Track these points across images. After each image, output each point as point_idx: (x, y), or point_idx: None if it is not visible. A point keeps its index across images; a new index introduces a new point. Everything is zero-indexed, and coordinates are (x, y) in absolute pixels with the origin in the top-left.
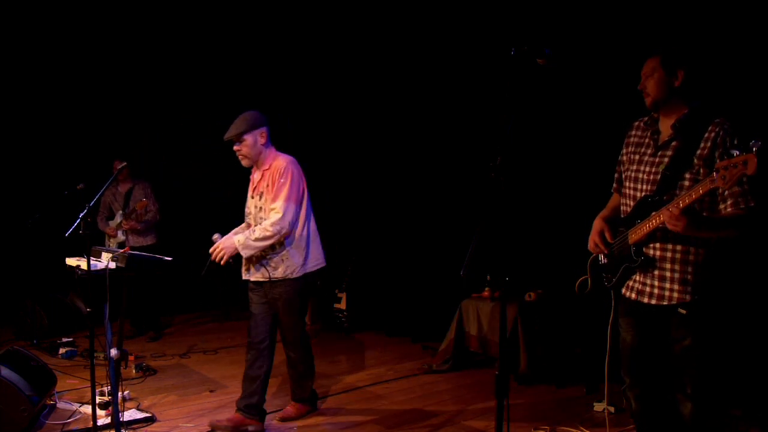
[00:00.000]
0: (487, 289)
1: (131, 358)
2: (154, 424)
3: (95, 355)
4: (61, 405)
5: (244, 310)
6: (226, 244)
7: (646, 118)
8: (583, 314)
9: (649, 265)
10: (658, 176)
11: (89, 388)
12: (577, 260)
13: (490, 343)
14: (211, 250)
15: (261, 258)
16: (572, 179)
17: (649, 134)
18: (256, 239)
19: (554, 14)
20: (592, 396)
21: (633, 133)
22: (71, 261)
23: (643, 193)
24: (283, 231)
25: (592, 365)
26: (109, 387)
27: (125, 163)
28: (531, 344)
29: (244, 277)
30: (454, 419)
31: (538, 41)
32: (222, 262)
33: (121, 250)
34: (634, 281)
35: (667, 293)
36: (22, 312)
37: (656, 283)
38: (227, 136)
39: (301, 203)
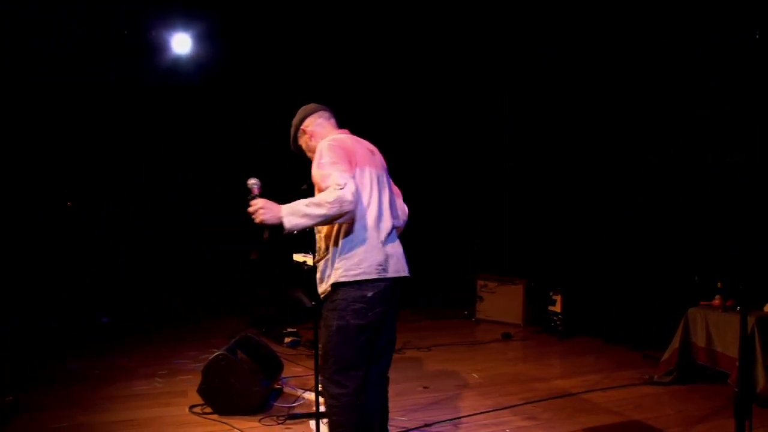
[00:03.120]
0: (717, 297)
1: None
2: None
3: (319, 346)
4: (287, 389)
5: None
6: (269, 205)
7: None
8: None
9: None
10: None
11: (312, 377)
12: None
13: (719, 356)
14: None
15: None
16: None
17: None
18: (311, 203)
19: None
20: None
21: None
22: (298, 257)
23: None
24: (345, 204)
25: None
26: None
27: None
28: None
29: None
30: None
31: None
32: (256, 220)
33: None
34: None
35: None
36: (254, 303)
37: None
38: (291, 147)
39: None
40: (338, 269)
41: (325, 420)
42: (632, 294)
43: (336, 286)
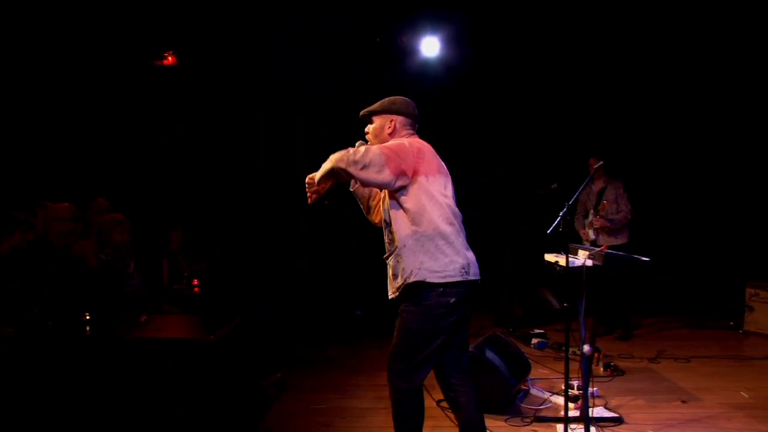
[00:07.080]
0: None
1: (600, 355)
2: (622, 426)
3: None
4: (533, 391)
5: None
6: None
7: None
8: None
9: None
10: None
11: (560, 380)
12: None
13: None
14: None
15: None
16: None
17: None
18: (333, 157)
19: None
20: None
21: None
22: (550, 257)
23: None
24: (360, 163)
25: None
26: (579, 381)
27: (601, 162)
28: None
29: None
30: None
31: None
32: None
33: (599, 249)
34: None
35: None
36: (501, 302)
37: None
38: (362, 112)
39: (402, 170)
40: (420, 269)
41: (573, 426)
42: None
43: (419, 286)
